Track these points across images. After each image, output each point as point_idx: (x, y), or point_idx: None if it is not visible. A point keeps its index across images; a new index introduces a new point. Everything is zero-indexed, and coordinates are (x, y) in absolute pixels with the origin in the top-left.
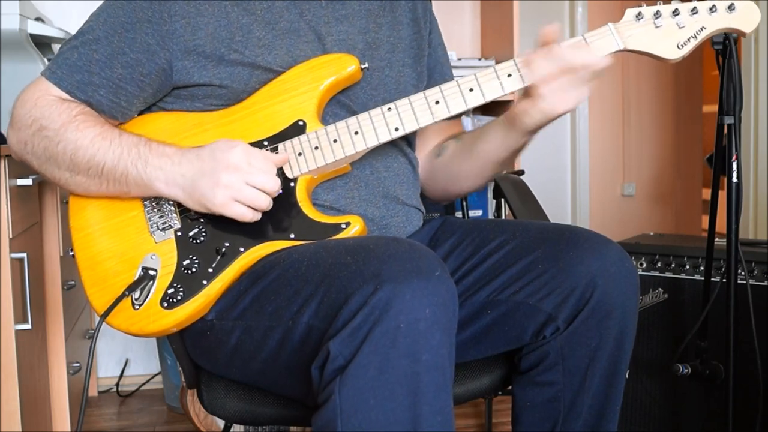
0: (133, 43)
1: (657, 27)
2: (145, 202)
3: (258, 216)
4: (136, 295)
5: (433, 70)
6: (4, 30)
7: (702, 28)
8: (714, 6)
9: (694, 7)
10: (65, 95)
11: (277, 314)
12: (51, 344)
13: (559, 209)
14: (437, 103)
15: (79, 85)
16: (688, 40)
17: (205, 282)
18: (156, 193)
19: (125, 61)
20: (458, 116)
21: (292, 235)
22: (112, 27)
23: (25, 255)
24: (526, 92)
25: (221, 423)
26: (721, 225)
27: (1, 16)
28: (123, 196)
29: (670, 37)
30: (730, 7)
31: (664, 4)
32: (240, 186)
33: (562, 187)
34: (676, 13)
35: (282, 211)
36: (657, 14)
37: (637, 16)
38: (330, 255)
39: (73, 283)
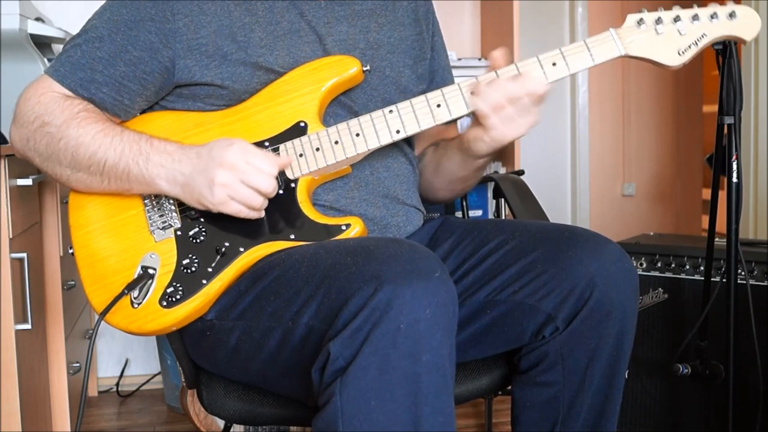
0: (137, 41)
1: (658, 33)
2: (146, 201)
3: (256, 214)
4: (135, 293)
5: (435, 73)
6: (4, 30)
7: (703, 35)
8: (715, 13)
9: (696, 14)
10: (68, 92)
11: (277, 315)
12: (51, 344)
13: (559, 209)
14: (439, 106)
15: (82, 82)
16: (689, 46)
17: (204, 281)
18: (158, 190)
19: (128, 59)
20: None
21: (293, 236)
22: (115, 25)
23: (25, 255)
24: (476, 120)
25: (221, 423)
26: (721, 225)
27: (1, 16)
28: (125, 192)
29: (671, 44)
30: (731, 15)
31: (665, 10)
32: (236, 185)
33: (562, 187)
34: (677, 19)
35: (282, 212)
36: (658, 21)
37: (638, 23)
38: (330, 256)
39: (73, 282)
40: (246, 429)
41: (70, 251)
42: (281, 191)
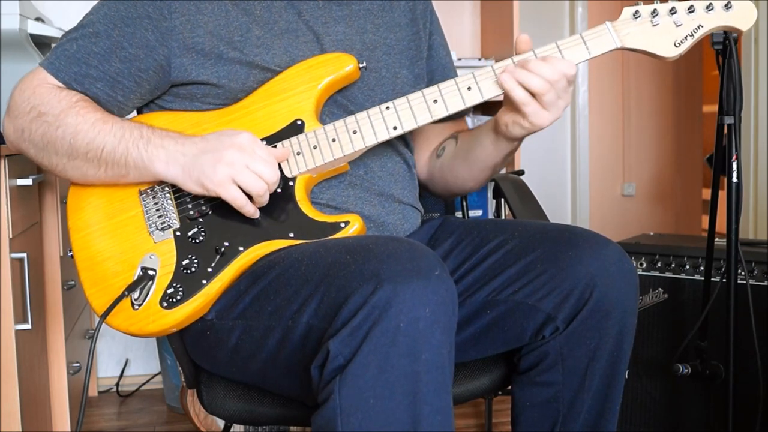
0: (132, 38)
1: (654, 25)
2: (144, 202)
3: (252, 210)
4: (136, 295)
5: (434, 72)
6: (4, 30)
7: (699, 27)
8: (711, 4)
9: (691, 6)
10: (62, 85)
11: (277, 314)
12: (51, 344)
13: (559, 209)
14: (435, 102)
15: (77, 76)
16: (685, 38)
17: (204, 281)
18: (153, 174)
19: (123, 55)
20: (461, 115)
21: (292, 234)
22: (112, 21)
23: (25, 255)
24: (511, 105)
25: (221, 423)
26: (721, 225)
27: (1, 16)
28: (120, 180)
29: (667, 36)
30: (727, 6)
31: (661, 2)
32: (241, 167)
33: (562, 187)
34: (673, 11)
35: (281, 210)
36: (654, 13)
37: (634, 15)
38: (330, 254)
39: (73, 283)
40: (246, 429)
41: (70, 254)
42: (279, 190)
